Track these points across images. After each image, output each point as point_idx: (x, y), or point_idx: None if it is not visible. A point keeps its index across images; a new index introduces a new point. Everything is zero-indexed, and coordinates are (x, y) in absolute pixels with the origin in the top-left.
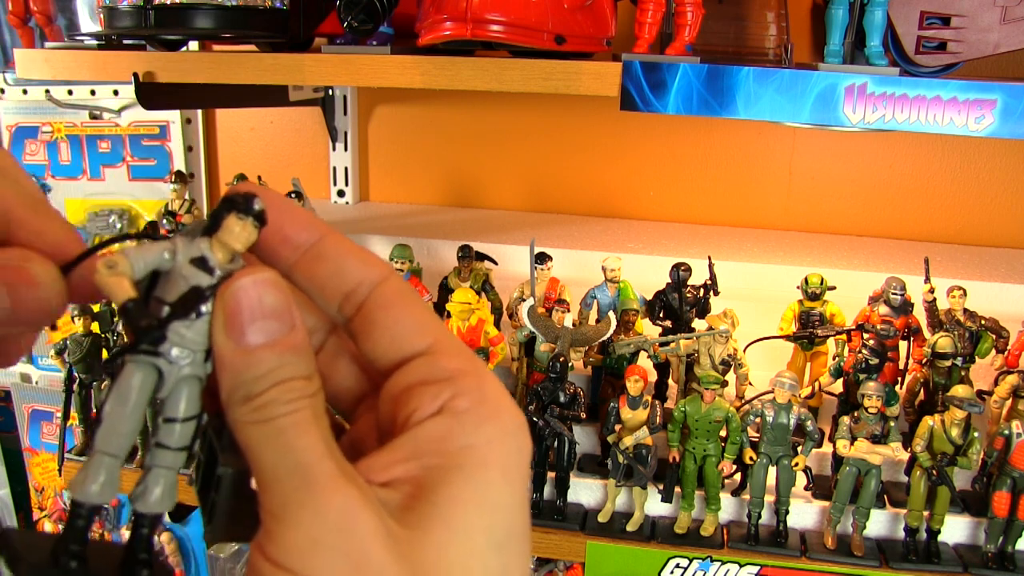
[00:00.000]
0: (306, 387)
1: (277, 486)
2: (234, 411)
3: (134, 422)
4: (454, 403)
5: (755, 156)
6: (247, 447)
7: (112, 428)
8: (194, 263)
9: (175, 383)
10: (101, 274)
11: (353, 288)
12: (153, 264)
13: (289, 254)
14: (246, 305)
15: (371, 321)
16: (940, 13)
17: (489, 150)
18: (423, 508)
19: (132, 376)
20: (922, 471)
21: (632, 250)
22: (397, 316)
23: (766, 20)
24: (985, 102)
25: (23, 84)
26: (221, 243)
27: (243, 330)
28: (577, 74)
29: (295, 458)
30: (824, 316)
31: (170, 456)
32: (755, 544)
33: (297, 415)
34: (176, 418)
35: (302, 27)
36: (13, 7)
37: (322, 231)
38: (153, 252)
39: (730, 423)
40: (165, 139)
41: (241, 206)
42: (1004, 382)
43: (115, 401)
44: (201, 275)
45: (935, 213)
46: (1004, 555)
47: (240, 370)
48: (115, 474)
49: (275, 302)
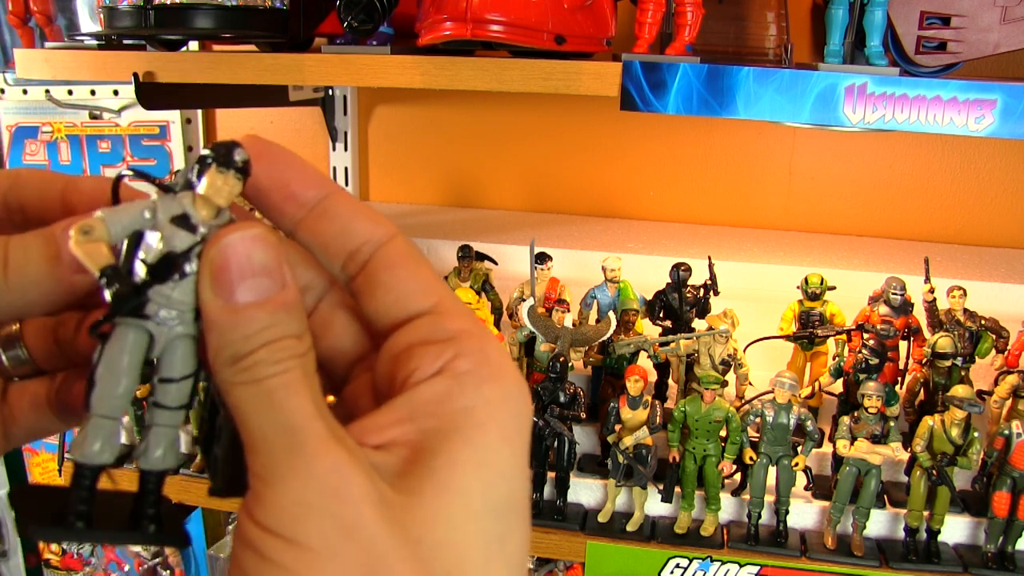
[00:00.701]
0: (296, 346)
1: (264, 448)
2: (221, 371)
3: (128, 383)
4: (455, 364)
5: (755, 156)
6: (235, 408)
7: (105, 391)
8: (175, 221)
9: (167, 343)
10: (76, 241)
11: (358, 247)
12: (132, 226)
13: (295, 211)
14: (235, 262)
15: (375, 280)
16: (940, 13)
17: (489, 150)
18: (419, 472)
19: (122, 338)
20: (922, 471)
21: (632, 250)
22: (401, 275)
23: (766, 20)
24: (985, 102)
25: (23, 84)
26: (203, 199)
27: (232, 288)
28: (577, 74)
29: (283, 419)
30: (824, 316)
31: (168, 415)
32: (755, 544)
33: (287, 375)
34: (172, 378)
35: (302, 27)
36: (13, 7)
37: (329, 188)
38: (131, 213)
39: (730, 423)
40: (165, 139)
41: (222, 158)
42: (1004, 382)
43: (106, 364)
44: (183, 234)
45: (935, 213)
46: (1004, 555)
47: (228, 329)
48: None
49: (265, 258)
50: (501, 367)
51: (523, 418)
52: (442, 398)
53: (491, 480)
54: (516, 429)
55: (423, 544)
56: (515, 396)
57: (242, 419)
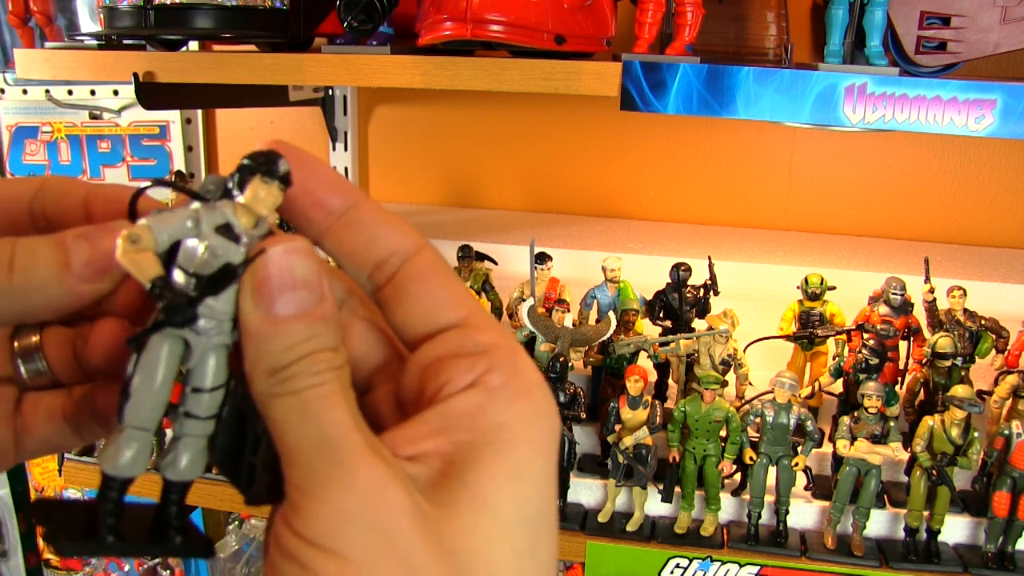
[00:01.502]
0: (333, 359)
1: (303, 459)
2: (259, 382)
3: (163, 395)
4: (487, 378)
5: (755, 156)
6: (271, 419)
7: (140, 402)
8: (219, 231)
9: (202, 353)
10: (125, 251)
11: (386, 257)
12: (177, 235)
13: (322, 219)
14: (276, 275)
15: (404, 291)
16: (940, 13)
17: (489, 150)
18: (453, 485)
19: (159, 348)
20: (922, 471)
21: (632, 250)
22: (431, 287)
23: (766, 20)
24: (985, 102)
25: (23, 84)
26: (246, 208)
27: (272, 300)
28: (577, 74)
29: (322, 431)
30: (824, 316)
31: (199, 425)
32: (755, 544)
33: (324, 387)
34: (204, 388)
35: (302, 27)
36: (13, 7)
37: (356, 197)
38: (176, 222)
39: (730, 423)
40: (165, 139)
41: (265, 168)
42: (1004, 382)
43: (143, 375)
44: (228, 244)
45: (935, 213)
46: (1004, 555)
47: (267, 340)
48: (146, 447)
49: (306, 272)
50: (532, 382)
51: (552, 432)
52: (475, 412)
53: (524, 493)
54: (546, 443)
55: (458, 556)
56: (545, 411)
57: (279, 430)
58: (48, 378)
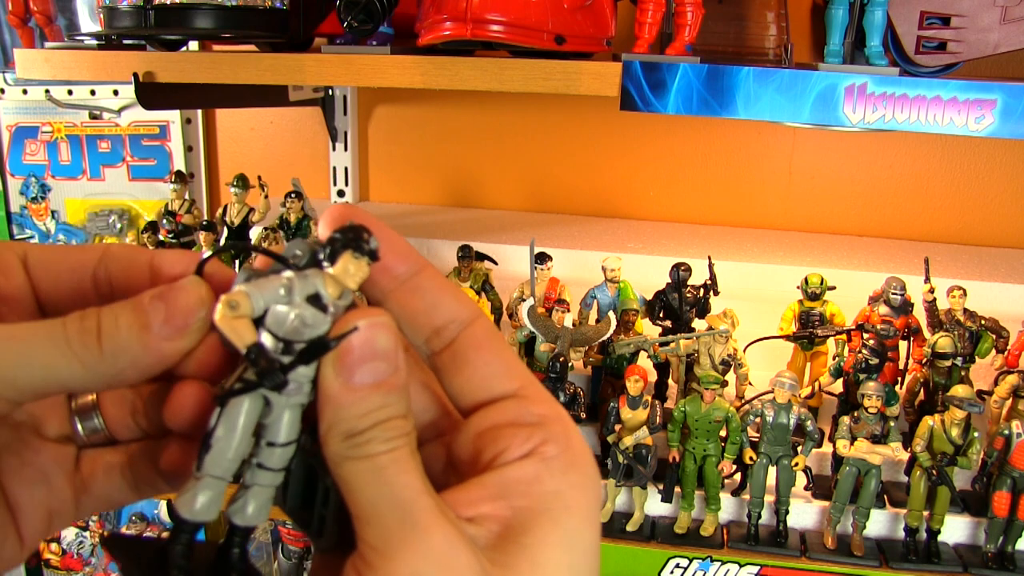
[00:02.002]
0: (404, 425)
1: (377, 521)
2: (333, 444)
3: (242, 448)
4: (543, 448)
5: (755, 156)
6: (343, 478)
7: (221, 453)
8: (310, 300)
9: (280, 410)
10: (224, 316)
11: (445, 324)
12: (270, 302)
13: (387, 283)
14: (359, 347)
15: (462, 359)
16: (940, 13)
17: (489, 150)
18: (511, 548)
19: (241, 405)
20: (922, 471)
21: (632, 250)
22: (488, 358)
23: (766, 20)
24: (985, 102)
25: (23, 84)
26: (335, 281)
27: (353, 370)
28: (577, 74)
29: (395, 494)
30: (824, 316)
31: (269, 476)
32: (755, 544)
33: (396, 452)
34: (278, 442)
35: (302, 27)
36: (13, 7)
37: (420, 264)
38: (271, 290)
39: (730, 423)
40: (165, 139)
41: (357, 244)
42: (1004, 382)
43: (226, 428)
44: (317, 313)
45: (935, 213)
46: (1004, 555)
47: (344, 407)
48: (220, 495)
49: (387, 345)
50: (583, 454)
51: (599, 502)
52: (532, 480)
53: (576, 559)
54: (595, 512)
55: None
56: (594, 482)
57: (352, 490)
58: (104, 436)
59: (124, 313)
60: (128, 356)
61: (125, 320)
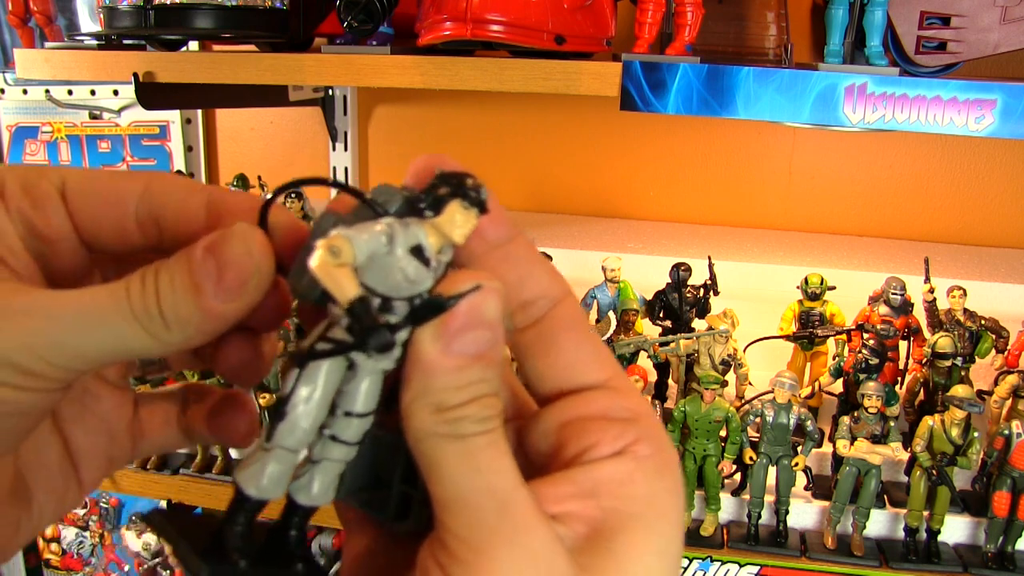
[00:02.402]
0: (497, 405)
1: (468, 510)
2: (419, 417)
3: (320, 417)
4: (636, 447)
5: (755, 156)
6: (428, 459)
7: (296, 423)
8: (412, 252)
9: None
10: (325, 263)
11: (533, 299)
12: (371, 252)
13: (476, 247)
14: (465, 312)
15: (549, 339)
16: (940, 13)
17: (489, 150)
18: (598, 552)
19: (321, 368)
20: (922, 471)
21: (632, 250)
22: (578, 341)
23: (766, 20)
24: (985, 102)
25: (23, 84)
26: (439, 231)
27: (455, 337)
28: (577, 74)
29: (490, 483)
30: (824, 316)
31: (342, 450)
32: (755, 544)
33: (491, 435)
34: (355, 412)
35: (302, 27)
36: (13, 7)
37: (513, 232)
38: (373, 238)
39: (730, 423)
40: (165, 139)
41: (469, 194)
42: (1004, 382)
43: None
44: (420, 268)
45: (935, 213)
46: (1004, 555)
47: (439, 376)
48: (289, 470)
49: (494, 314)
50: (673, 457)
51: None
52: (624, 480)
53: (666, 568)
54: (681, 521)
55: None
56: (682, 489)
57: (438, 471)
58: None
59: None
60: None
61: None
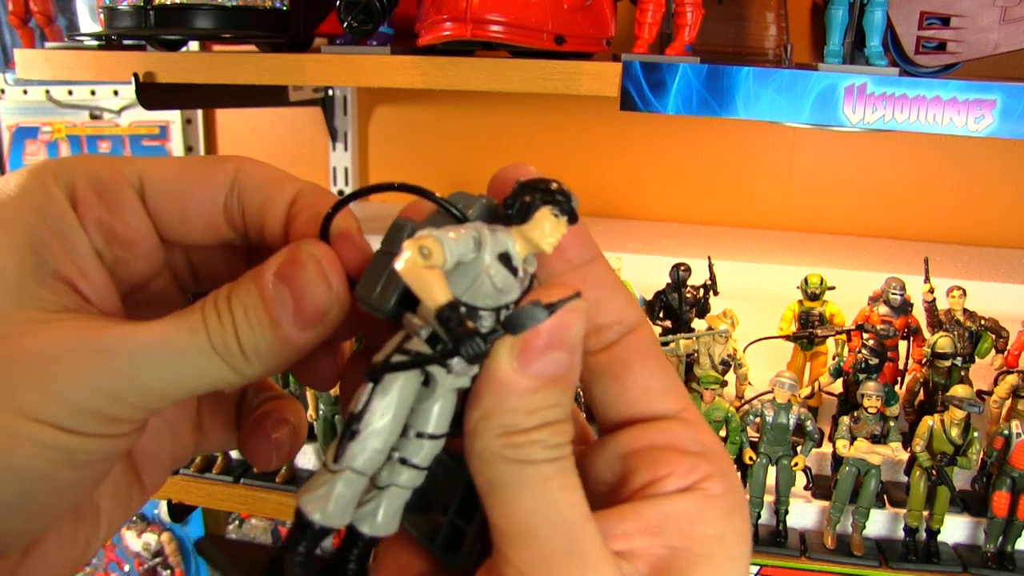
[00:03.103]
0: (569, 432)
1: (533, 541)
2: (485, 439)
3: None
4: (707, 484)
5: (755, 156)
6: (492, 482)
7: (367, 442)
8: (501, 260)
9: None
10: (415, 264)
11: (609, 324)
12: (461, 257)
13: (557, 265)
14: (550, 331)
15: (622, 365)
16: (940, 13)
17: (489, 150)
18: None
19: (396, 383)
20: (922, 471)
21: (632, 250)
22: (653, 369)
23: (766, 20)
24: (985, 102)
25: (23, 84)
26: (526, 239)
27: (535, 357)
28: (577, 74)
29: (559, 514)
30: (824, 316)
31: (412, 475)
32: (755, 544)
33: (562, 463)
34: (429, 433)
35: (302, 27)
36: (13, 7)
37: (595, 253)
38: (462, 242)
39: (730, 423)
40: (165, 139)
41: (559, 201)
42: (1004, 382)
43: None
44: (508, 276)
45: (935, 213)
46: (1004, 555)
47: (512, 397)
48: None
49: (577, 336)
50: (743, 498)
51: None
52: (695, 519)
53: None
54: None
55: None
56: (749, 531)
57: (501, 499)
58: None
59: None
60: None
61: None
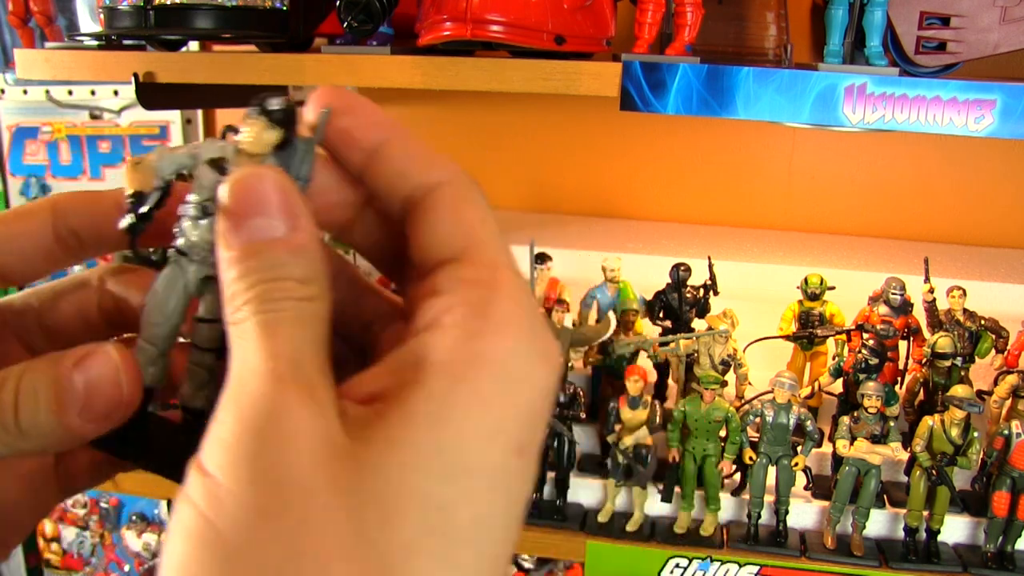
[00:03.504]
0: (296, 289)
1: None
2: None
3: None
4: (445, 317)
5: (755, 156)
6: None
7: (145, 319)
8: (211, 163)
9: (200, 284)
10: (127, 168)
11: (411, 192)
12: (179, 164)
13: (357, 157)
14: (241, 201)
15: (415, 223)
16: (940, 13)
17: (489, 150)
18: (376, 423)
19: (163, 274)
20: (922, 471)
21: (632, 250)
22: (441, 217)
23: (766, 20)
24: (985, 102)
25: (23, 84)
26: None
27: (238, 227)
28: (577, 74)
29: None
30: (824, 316)
31: (198, 355)
32: (755, 544)
33: (275, 315)
34: (201, 317)
35: (302, 27)
36: (13, 7)
37: (389, 132)
38: (180, 152)
39: (730, 423)
40: (165, 139)
41: (255, 105)
42: (1004, 382)
43: (149, 295)
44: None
45: (935, 213)
46: (1004, 555)
47: (227, 268)
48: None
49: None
50: (504, 324)
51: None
52: (424, 351)
53: (445, 439)
54: (499, 392)
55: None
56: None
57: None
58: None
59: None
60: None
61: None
